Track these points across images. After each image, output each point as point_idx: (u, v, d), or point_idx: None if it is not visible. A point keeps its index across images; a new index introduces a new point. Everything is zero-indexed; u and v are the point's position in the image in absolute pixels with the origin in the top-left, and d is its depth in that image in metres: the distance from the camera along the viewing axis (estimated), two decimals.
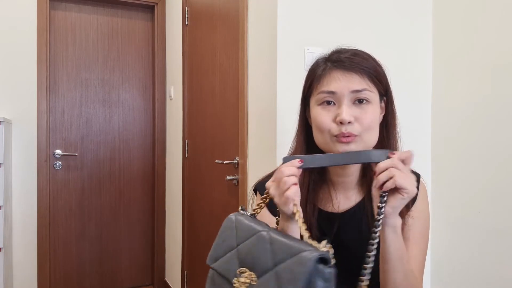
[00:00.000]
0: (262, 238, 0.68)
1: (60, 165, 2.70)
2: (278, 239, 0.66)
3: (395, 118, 0.88)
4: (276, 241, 0.66)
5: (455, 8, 1.62)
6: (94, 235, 2.82)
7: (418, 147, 1.69)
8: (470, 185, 1.54)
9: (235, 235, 0.72)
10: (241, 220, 0.74)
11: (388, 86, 0.86)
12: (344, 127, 0.78)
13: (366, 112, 0.80)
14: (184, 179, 2.54)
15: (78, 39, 2.77)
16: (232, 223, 0.74)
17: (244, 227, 0.72)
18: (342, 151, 0.79)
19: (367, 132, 0.80)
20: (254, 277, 0.65)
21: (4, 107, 2.43)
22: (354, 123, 0.79)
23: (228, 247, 0.72)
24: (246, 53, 1.67)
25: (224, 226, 0.75)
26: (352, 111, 0.79)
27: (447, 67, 1.65)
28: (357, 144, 0.80)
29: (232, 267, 0.70)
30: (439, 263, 1.66)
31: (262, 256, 0.66)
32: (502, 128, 1.43)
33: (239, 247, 0.70)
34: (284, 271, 0.61)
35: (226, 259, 0.72)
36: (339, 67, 0.81)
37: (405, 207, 0.83)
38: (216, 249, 0.74)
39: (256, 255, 0.66)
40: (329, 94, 0.81)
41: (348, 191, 0.88)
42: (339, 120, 0.78)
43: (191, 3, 2.43)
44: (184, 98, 2.52)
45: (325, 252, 0.60)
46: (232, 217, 0.76)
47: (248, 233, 0.71)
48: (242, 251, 0.70)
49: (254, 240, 0.69)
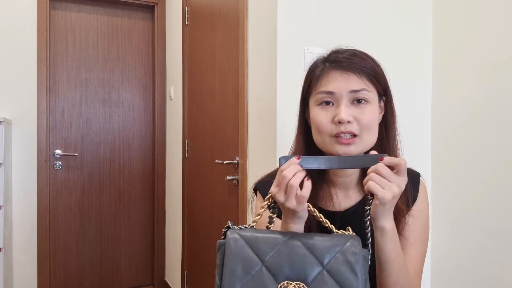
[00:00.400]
0: (294, 245, 0.64)
1: (60, 165, 2.70)
2: (311, 241, 0.65)
3: (394, 118, 0.88)
4: (310, 243, 0.64)
5: (455, 8, 1.62)
6: (94, 235, 2.82)
7: (418, 147, 1.70)
8: (470, 185, 1.54)
9: (252, 252, 0.65)
10: (248, 235, 0.67)
11: (387, 86, 0.86)
12: (343, 126, 0.79)
13: (365, 112, 0.80)
14: (184, 179, 2.54)
15: (78, 39, 2.77)
16: (240, 241, 0.66)
17: (261, 240, 0.66)
18: (341, 153, 0.80)
19: (366, 131, 0.80)
20: (302, 285, 0.62)
21: (4, 107, 2.43)
22: (353, 122, 0.79)
23: (251, 267, 0.64)
24: (246, 53, 1.67)
25: (232, 247, 0.66)
26: (350, 111, 0.79)
27: (447, 67, 1.65)
28: (356, 146, 0.80)
29: (269, 286, 0.62)
30: (439, 263, 1.66)
31: (304, 262, 0.63)
32: (502, 128, 1.43)
33: (267, 263, 0.64)
34: (337, 265, 0.62)
35: (257, 281, 0.63)
36: (337, 67, 0.81)
37: (405, 207, 0.84)
38: (235, 277, 0.63)
39: (297, 263, 0.63)
40: (328, 94, 0.81)
41: (348, 190, 0.88)
42: (338, 120, 0.79)
43: (191, 3, 2.43)
44: (184, 98, 2.52)
45: (357, 236, 0.67)
46: (235, 236, 0.67)
47: (271, 245, 0.65)
48: (274, 265, 0.63)
49: (285, 249, 0.64)
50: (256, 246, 0.65)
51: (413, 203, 0.87)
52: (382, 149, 0.86)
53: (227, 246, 0.66)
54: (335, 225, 0.86)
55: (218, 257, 0.67)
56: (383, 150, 0.86)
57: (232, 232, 0.67)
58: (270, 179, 0.88)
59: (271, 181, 0.85)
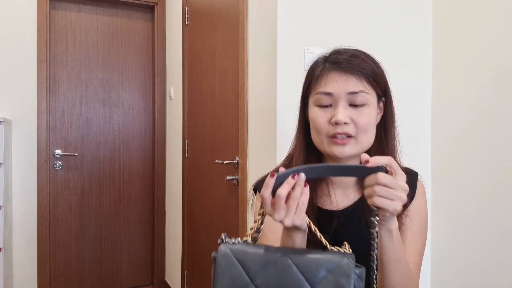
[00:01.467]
0: (285, 265, 0.63)
1: (60, 165, 2.70)
2: (302, 260, 0.63)
3: (393, 119, 0.88)
4: (301, 263, 0.63)
5: (455, 8, 1.62)
6: (94, 235, 2.82)
7: (418, 147, 1.70)
8: (470, 185, 1.54)
9: (243, 270, 0.63)
10: (240, 250, 0.65)
11: (387, 87, 0.86)
12: (340, 127, 0.79)
13: (362, 114, 0.80)
14: (184, 179, 2.54)
15: (78, 39, 2.77)
16: (231, 258, 0.65)
17: (251, 257, 0.64)
18: (336, 154, 0.80)
19: (362, 133, 0.81)
20: None
21: (4, 107, 2.43)
22: (349, 124, 0.80)
23: (241, 287, 0.63)
24: (246, 53, 1.67)
25: (222, 264, 0.64)
26: (348, 112, 0.80)
27: (447, 67, 1.65)
28: (352, 146, 0.80)
29: None
30: (439, 263, 1.66)
31: (294, 283, 0.61)
32: (502, 128, 1.43)
33: (258, 282, 0.62)
34: (329, 285, 0.61)
35: None
36: (337, 68, 0.81)
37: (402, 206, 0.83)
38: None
39: (287, 283, 0.61)
40: (326, 95, 0.81)
41: (346, 190, 0.89)
42: (334, 121, 0.79)
43: (191, 3, 2.43)
44: (184, 98, 2.52)
45: (352, 254, 0.65)
46: (226, 250, 0.65)
47: (262, 263, 0.64)
48: (264, 285, 0.62)
49: (275, 269, 0.63)
50: (246, 265, 0.64)
51: (410, 202, 0.87)
52: (380, 149, 0.86)
53: (217, 263, 0.65)
54: (332, 224, 0.86)
55: (212, 269, 0.66)
56: (382, 150, 0.86)
57: (224, 246, 0.66)
58: None
59: None
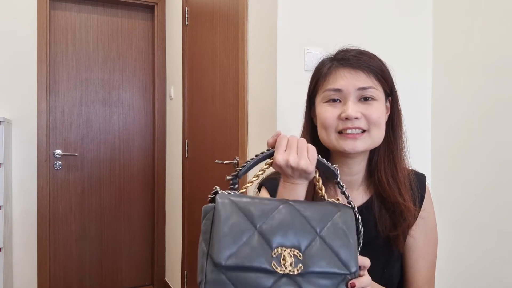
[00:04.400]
0: (288, 211, 0.62)
1: (60, 165, 2.70)
2: (304, 208, 0.64)
3: (400, 118, 0.87)
4: (304, 210, 0.63)
5: (455, 7, 1.62)
6: (94, 235, 2.82)
7: (418, 147, 1.70)
8: (471, 185, 1.54)
9: (245, 217, 0.61)
10: (239, 200, 0.63)
11: (393, 86, 0.86)
12: (351, 122, 0.78)
13: (372, 109, 0.79)
14: (184, 179, 2.54)
15: (78, 39, 2.76)
16: (232, 205, 0.62)
17: (253, 205, 0.62)
18: (348, 149, 0.79)
19: (375, 127, 0.80)
20: (297, 252, 0.60)
21: (4, 107, 2.43)
22: (360, 118, 0.78)
23: (243, 233, 0.60)
24: (246, 53, 1.67)
25: (222, 212, 0.61)
26: (358, 107, 0.79)
27: (447, 67, 1.65)
28: (364, 141, 0.79)
29: (263, 252, 0.59)
30: (439, 263, 1.66)
31: (298, 229, 0.61)
32: (502, 128, 1.43)
33: (261, 228, 0.60)
34: (331, 233, 0.62)
35: (249, 247, 0.59)
36: (345, 65, 0.81)
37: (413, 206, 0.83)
38: (226, 242, 0.59)
39: (291, 230, 0.61)
40: (335, 91, 0.80)
41: (353, 191, 0.87)
42: (345, 116, 0.78)
43: (191, 3, 2.43)
44: (184, 98, 2.52)
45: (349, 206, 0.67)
46: (225, 200, 0.62)
47: (265, 211, 0.62)
48: (267, 232, 0.60)
49: (279, 215, 0.62)
50: (248, 211, 0.62)
51: (421, 203, 0.86)
52: (389, 150, 0.85)
53: (217, 211, 0.61)
54: None
55: (204, 223, 0.63)
56: (390, 151, 0.85)
57: (221, 196, 0.63)
58: (276, 176, 0.87)
59: (277, 177, 0.85)
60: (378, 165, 0.84)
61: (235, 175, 0.69)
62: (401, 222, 0.81)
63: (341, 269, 0.60)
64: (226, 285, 0.57)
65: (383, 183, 0.83)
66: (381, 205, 0.84)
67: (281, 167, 0.69)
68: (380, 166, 0.84)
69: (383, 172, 0.83)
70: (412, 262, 0.87)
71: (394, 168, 0.84)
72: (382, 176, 0.83)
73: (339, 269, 0.60)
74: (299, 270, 0.58)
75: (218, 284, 0.58)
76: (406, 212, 0.81)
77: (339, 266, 0.60)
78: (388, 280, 0.85)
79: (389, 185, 0.82)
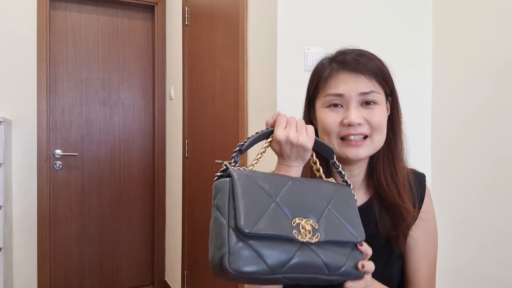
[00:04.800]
0: (300, 184, 0.67)
1: (60, 165, 2.70)
2: (311, 183, 0.69)
3: (400, 119, 0.86)
4: (311, 185, 0.68)
5: (455, 8, 1.62)
6: (94, 235, 2.82)
7: (418, 147, 1.69)
8: (470, 185, 1.54)
9: (263, 189, 0.63)
10: (253, 174, 0.65)
11: (393, 86, 0.85)
12: (353, 128, 0.77)
13: (375, 113, 0.79)
14: (184, 179, 2.54)
15: (78, 39, 2.76)
16: (247, 178, 0.63)
17: (266, 179, 0.65)
18: (350, 156, 0.79)
19: (377, 133, 0.79)
20: (312, 221, 0.63)
21: (4, 107, 2.43)
22: (363, 124, 0.78)
23: (263, 203, 0.62)
24: (246, 53, 1.67)
25: (242, 184, 0.62)
26: (360, 113, 0.78)
27: (447, 67, 1.65)
28: (367, 147, 0.79)
29: (284, 221, 0.61)
30: (439, 263, 1.66)
31: (311, 201, 0.66)
32: (502, 128, 1.43)
33: (278, 200, 0.63)
34: (338, 202, 0.68)
35: (272, 217, 0.61)
36: (346, 68, 0.79)
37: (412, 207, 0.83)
38: (250, 212, 0.60)
39: (306, 201, 0.65)
40: (337, 96, 0.79)
41: (354, 191, 0.87)
42: (348, 123, 0.77)
43: (191, 3, 2.43)
44: (184, 98, 2.52)
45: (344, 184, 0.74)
46: (240, 172, 0.64)
47: (278, 184, 0.65)
48: (285, 203, 0.63)
49: (293, 188, 0.65)
50: (263, 184, 0.64)
51: (420, 204, 0.86)
52: (389, 150, 0.84)
53: (235, 183, 0.62)
54: None
55: (219, 197, 0.63)
56: (390, 151, 0.84)
57: (235, 171, 0.64)
58: None
59: None
60: (377, 165, 0.84)
61: (238, 151, 0.71)
62: (401, 222, 0.81)
63: (352, 238, 0.66)
64: (251, 253, 0.58)
65: (382, 184, 0.83)
66: (381, 206, 0.84)
67: (281, 142, 0.70)
68: (379, 167, 0.84)
69: (382, 172, 0.83)
70: (413, 262, 0.87)
71: (393, 168, 0.84)
72: (381, 176, 0.83)
73: (350, 238, 0.66)
74: (317, 239, 0.62)
75: (244, 252, 0.58)
76: (405, 213, 0.81)
77: (349, 235, 0.66)
78: (388, 279, 0.85)
79: (388, 185, 0.82)
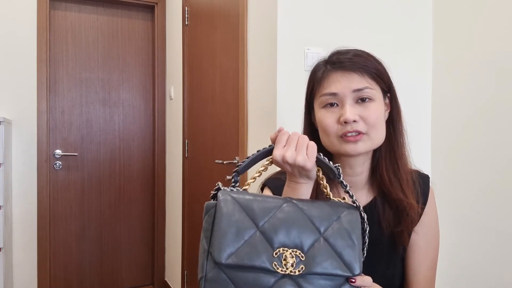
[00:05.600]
0: (291, 210, 0.61)
1: (60, 165, 2.70)
2: (308, 207, 0.62)
3: (400, 114, 0.87)
4: (307, 210, 0.62)
5: (455, 8, 1.62)
6: (94, 235, 2.82)
7: (418, 147, 1.69)
8: (470, 185, 1.54)
9: (246, 215, 0.60)
10: (242, 198, 0.62)
11: (390, 83, 0.86)
12: (350, 125, 0.78)
13: (370, 110, 0.79)
14: (184, 179, 2.54)
15: (78, 39, 2.77)
16: (234, 203, 0.61)
17: (256, 203, 0.61)
18: (350, 152, 0.79)
19: (373, 129, 0.79)
20: (299, 252, 0.59)
21: (4, 107, 2.43)
22: (359, 121, 0.78)
23: (244, 231, 0.59)
24: (246, 53, 1.67)
25: (224, 209, 0.60)
26: (355, 110, 0.79)
27: (447, 67, 1.65)
28: (364, 143, 0.79)
29: (264, 251, 0.57)
30: (438, 263, 1.66)
31: (300, 229, 0.60)
32: (502, 128, 1.43)
33: (263, 227, 0.59)
34: (334, 233, 0.61)
35: (250, 246, 0.58)
36: (339, 68, 0.81)
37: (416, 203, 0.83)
38: (226, 241, 0.57)
39: (293, 230, 0.59)
40: (331, 96, 0.80)
41: (357, 191, 0.87)
42: (343, 120, 0.78)
43: (191, 3, 2.43)
44: (184, 98, 2.52)
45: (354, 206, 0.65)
46: (227, 197, 0.61)
47: (267, 209, 0.61)
48: (269, 231, 0.59)
49: (281, 215, 0.60)
50: (250, 210, 0.60)
51: (425, 199, 0.87)
52: (390, 147, 0.85)
53: (218, 208, 0.60)
54: None
55: (206, 220, 0.62)
56: (391, 147, 0.85)
57: (223, 193, 0.62)
58: (280, 176, 0.88)
59: (281, 178, 0.85)
60: (379, 162, 0.85)
61: (236, 171, 0.68)
62: (405, 217, 0.82)
63: (344, 271, 0.59)
64: (226, 284, 0.57)
65: (385, 180, 0.83)
66: (384, 202, 0.84)
67: (278, 162, 0.69)
68: (382, 163, 0.84)
69: (384, 169, 0.84)
70: (413, 263, 0.87)
71: (395, 164, 0.84)
72: (384, 173, 0.84)
73: (342, 270, 0.59)
74: (300, 271, 0.58)
75: (218, 282, 0.57)
76: (409, 208, 0.81)
77: (342, 267, 0.59)
78: (391, 280, 0.86)
79: (391, 181, 0.83)
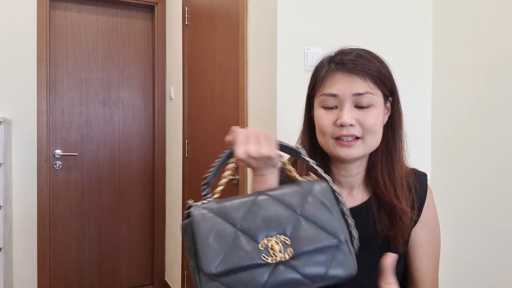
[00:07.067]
0: (264, 201, 0.63)
1: (60, 165, 2.70)
2: (279, 193, 0.64)
3: (401, 119, 0.86)
4: (279, 195, 0.64)
5: (455, 8, 1.62)
6: (94, 235, 2.82)
7: (418, 147, 1.70)
8: (470, 185, 1.54)
9: (225, 222, 0.61)
10: (215, 207, 0.63)
11: (393, 86, 0.85)
12: (346, 129, 0.78)
13: (368, 115, 0.79)
14: (184, 179, 2.54)
15: (78, 39, 2.77)
16: (209, 214, 0.62)
17: (230, 207, 0.63)
18: (343, 156, 0.79)
19: (369, 135, 0.79)
20: (283, 237, 0.60)
21: (4, 107, 2.43)
22: (355, 125, 0.78)
23: (225, 237, 0.60)
24: (246, 53, 1.67)
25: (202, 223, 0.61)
26: (353, 114, 0.78)
27: (447, 67, 1.65)
28: (358, 148, 0.79)
29: (250, 248, 0.59)
30: None
31: (278, 216, 0.61)
32: (502, 128, 1.43)
33: (242, 226, 0.61)
34: (311, 209, 0.63)
35: (236, 248, 0.59)
36: (342, 69, 0.80)
37: (409, 209, 0.82)
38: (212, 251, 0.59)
39: (272, 219, 0.61)
40: (331, 96, 0.80)
41: (353, 190, 0.87)
42: (340, 123, 0.78)
43: (191, 3, 2.43)
44: (184, 98, 2.52)
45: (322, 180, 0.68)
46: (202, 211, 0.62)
47: (242, 209, 0.62)
48: (249, 228, 0.60)
49: (256, 208, 0.62)
50: (225, 214, 0.62)
51: (421, 206, 0.86)
52: (387, 150, 0.84)
53: (195, 224, 0.61)
54: None
55: (186, 240, 0.63)
56: (389, 151, 0.84)
57: (196, 209, 0.63)
58: None
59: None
60: (375, 164, 0.84)
61: (205, 184, 0.70)
62: (397, 222, 0.81)
63: (330, 240, 0.61)
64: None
65: (380, 183, 0.83)
66: (379, 205, 0.84)
67: (243, 159, 0.69)
68: (378, 166, 0.84)
69: (379, 172, 0.83)
70: (416, 263, 0.87)
71: (391, 168, 0.83)
72: (379, 176, 0.83)
73: (329, 241, 0.61)
74: (290, 255, 0.59)
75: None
76: (402, 214, 0.80)
77: (328, 238, 0.61)
78: None
79: (385, 185, 0.82)
